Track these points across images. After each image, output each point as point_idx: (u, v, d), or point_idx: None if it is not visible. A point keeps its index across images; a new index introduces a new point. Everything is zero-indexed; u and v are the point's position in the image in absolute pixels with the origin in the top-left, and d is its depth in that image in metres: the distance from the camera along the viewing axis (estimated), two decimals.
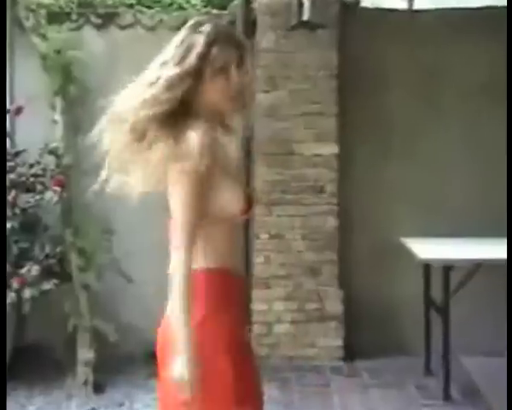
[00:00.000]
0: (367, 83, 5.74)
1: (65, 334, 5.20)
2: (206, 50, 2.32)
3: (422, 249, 5.00)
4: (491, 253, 4.89)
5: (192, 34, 2.36)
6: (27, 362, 5.34)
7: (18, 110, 5.35)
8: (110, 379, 5.09)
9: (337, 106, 5.60)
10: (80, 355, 5.16)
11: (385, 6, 5.94)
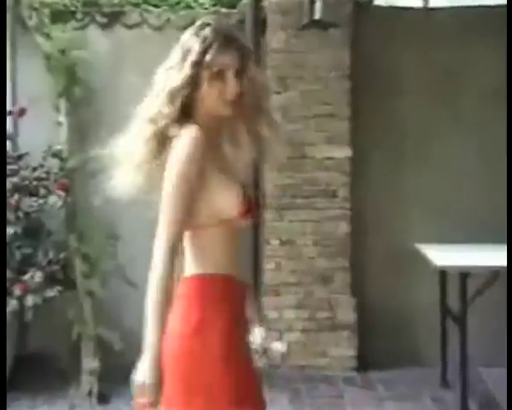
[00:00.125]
0: (380, 84, 5.74)
1: (69, 342, 5.19)
2: (200, 57, 2.33)
3: (438, 256, 4.97)
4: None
5: (191, 37, 2.38)
6: (30, 372, 5.35)
7: (21, 112, 5.36)
8: (115, 389, 5.03)
9: (350, 107, 5.59)
10: (84, 364, 5.17)
11: (399, 4, 5.93)
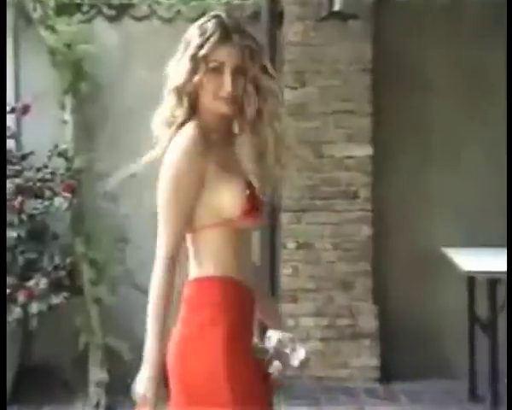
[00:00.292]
0: (404, 79, 5.72)
1: (75, 352, 5.20)
2: (197, 50, 2.34)
3: (465, 261, 4.96)
4: None
5: (194, 29, 2.39)
6: (34, 383, 5.33)
7: (24, 109, 5.34)
8: (124, 402, 4.99)
9: (371, 104, 5.58)
10: (92, 375, 5.17)
11: None
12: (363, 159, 5.58)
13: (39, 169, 5.31)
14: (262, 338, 2.49)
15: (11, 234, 4.97)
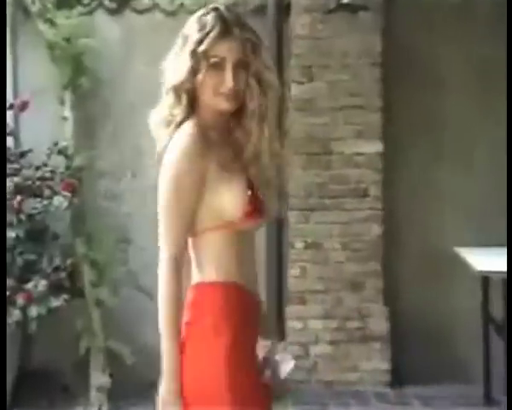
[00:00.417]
0: (415, 73, 5.70)
1: (76, 356, 5.19)
2: (196, 45, 2.32)
3: (479, 260, 4.97)
4: None
5: (192, 23, 2.37)
6: (34, 388, 5.34)
7: (23, 106, 5.34)
8: (126, 407, 5.05)
9: (381, 99, 5.56)
10: (93, 380, 5.17)
11: None
12: (373, 156, 5.56)
13: (38, 167, 5.31)
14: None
15: (9, 234, 4.97)
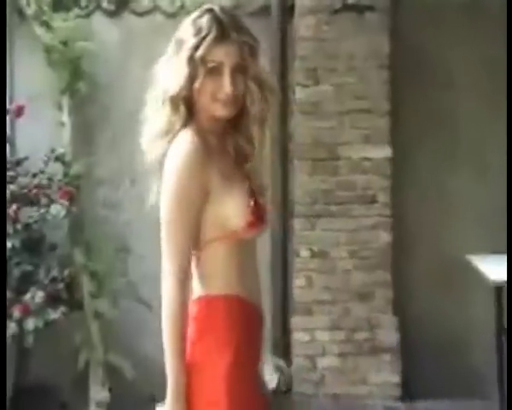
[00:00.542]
0: (424, 76, 5.70)
1: (74, 370, 5.20)
2: (193, 51, 2.30)
3: (492, 269, 4.90)
4: None
5: (187, 27, 2.35)
6: (31, 404, 5.29)
7: (18, 111, 5.35)
8: None
9: (389, 102, 5.56)
10: (92, 394, 5.19)
11: None
12: (380, 161, 5.55)
13: (35, 175, 5.31)
14: None
15: None
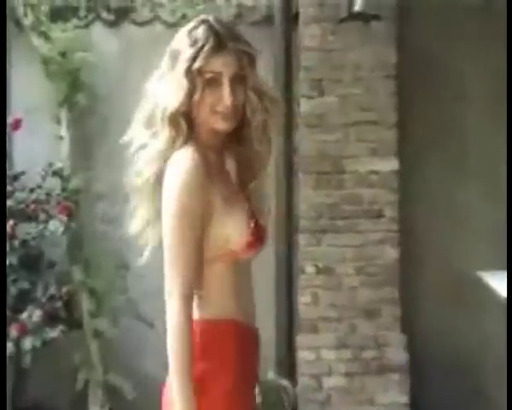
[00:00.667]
0: (433, 86, 5.71)
1: (73, 391, 5.22)
2: (190, 62, 2.28)
3: (504, 286, 4.85)
4: None
5: (182, 39, 2.34)
6: None
7: (16, 125, 5.34)
8: None
9: (396, 113, 5.55)
10: None
11: None
12: (387, 174, 5.54)
13: (32, 190, 5.32)
14: None
15: None
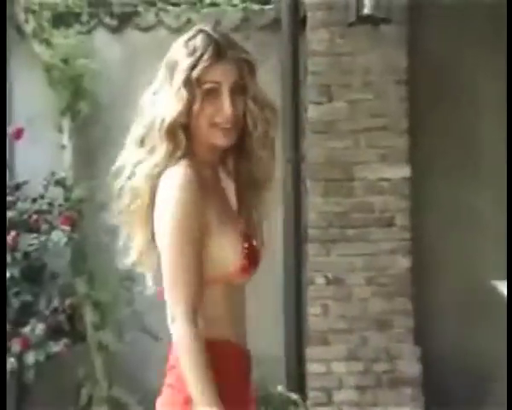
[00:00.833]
0: (446, 90, 5.72)
1: (77, 406, 5.22)
2: (189, 72, 2.24)
3: None
4: None
5: (179, 48, 2.30)
6: None
7: (17, 134, 5.40)
8: None
9: (407, 119, 5.56)
10: None
11: None
12: (399, 181, 5.54)
13: (35, 200, 5.33)
14: None
15: None
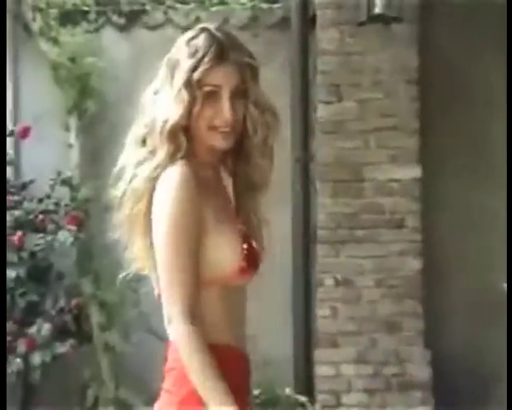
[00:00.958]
0: (457, 90, 5.72)
1: (83, 408, 5.25)
2: (189, 74, 2.22)
3: None
4: None
5: (181, 48, 2.27)
6: None
7: (24, 132, 5.40)
8: None
9: (418, 119, 5.54)
10: None
11: None
12: (409, 182, 5.53)
13: (41, 200, 5.34)
14: None
15: (10, 274, 4.96)
